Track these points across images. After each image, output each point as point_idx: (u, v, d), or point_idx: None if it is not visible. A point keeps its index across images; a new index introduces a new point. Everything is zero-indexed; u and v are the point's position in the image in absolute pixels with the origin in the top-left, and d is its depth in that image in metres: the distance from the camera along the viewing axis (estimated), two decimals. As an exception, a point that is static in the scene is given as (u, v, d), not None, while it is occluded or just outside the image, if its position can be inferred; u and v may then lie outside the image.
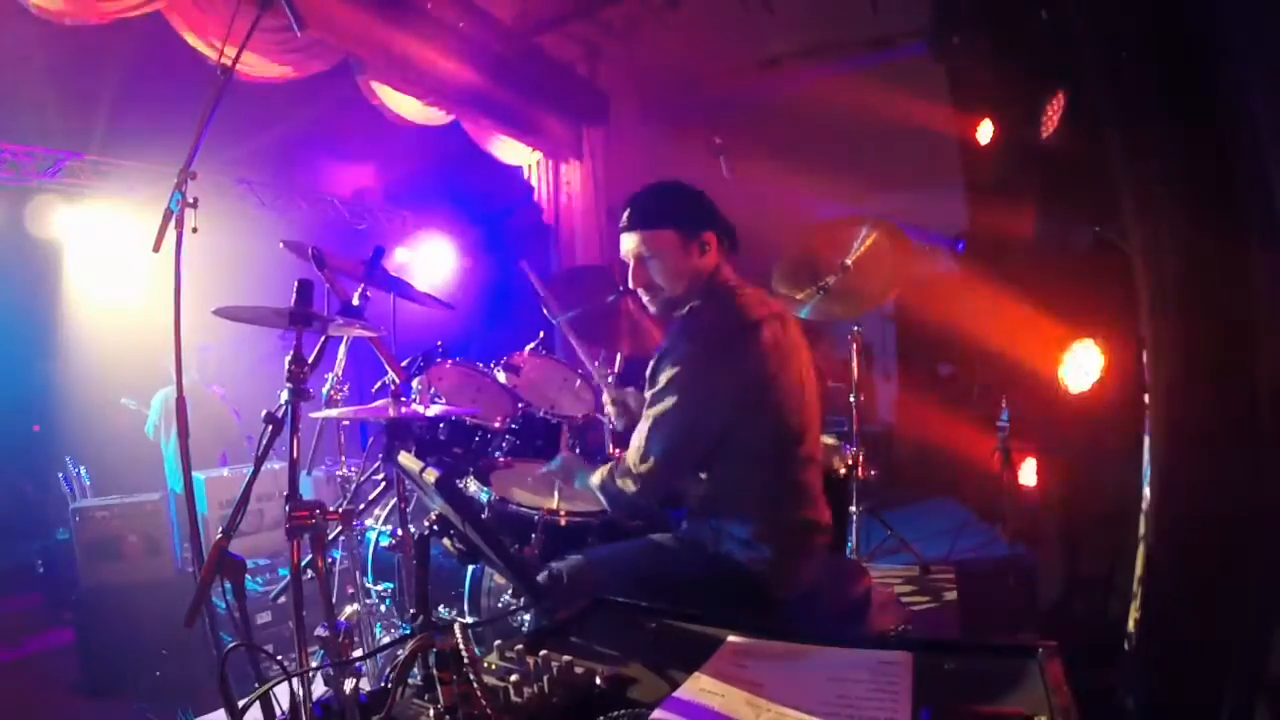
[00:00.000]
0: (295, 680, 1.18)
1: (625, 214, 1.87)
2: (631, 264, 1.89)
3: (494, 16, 5.01)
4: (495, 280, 6.61)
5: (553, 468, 2.17)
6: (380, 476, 2.64)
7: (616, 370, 2.91)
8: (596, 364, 2.98)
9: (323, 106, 5.18)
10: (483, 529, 1.44)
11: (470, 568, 2.27)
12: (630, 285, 1.93)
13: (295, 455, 1.60)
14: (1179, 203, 1.82)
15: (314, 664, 1.82)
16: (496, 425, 2.65)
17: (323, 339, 1.80)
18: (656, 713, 0.94)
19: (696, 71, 5.92)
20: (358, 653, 2.07)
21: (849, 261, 3.11)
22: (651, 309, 1.94)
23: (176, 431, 1.99)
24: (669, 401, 1.75)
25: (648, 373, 1.86)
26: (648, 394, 1.84)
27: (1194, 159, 1.82)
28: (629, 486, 1.83)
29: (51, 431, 5.29)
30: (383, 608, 2.69)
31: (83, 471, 4.18)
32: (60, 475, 4.20)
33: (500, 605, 2.19)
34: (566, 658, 1.06)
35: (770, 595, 1.77)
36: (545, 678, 1.01)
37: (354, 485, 2.78)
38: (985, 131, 3.66)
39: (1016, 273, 3.21)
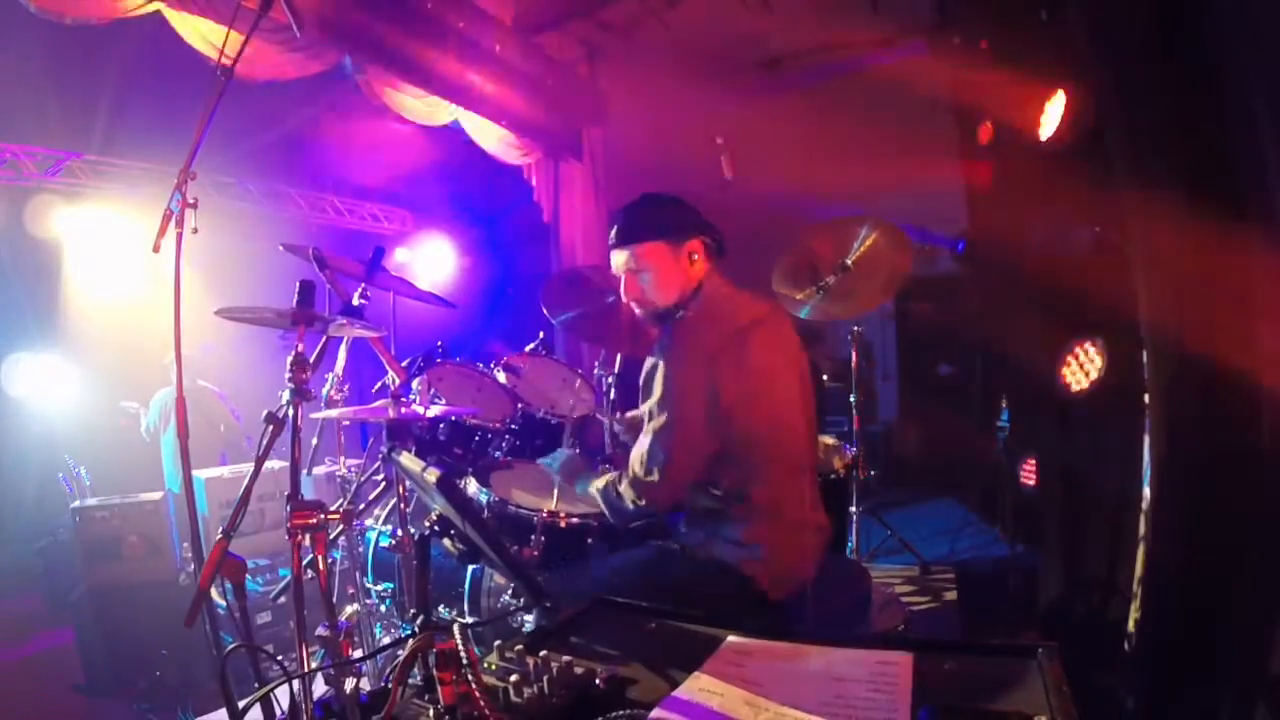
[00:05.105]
0: (296, 681, 1.18)
1: (613, 231, 1.90)
2: (623, 279, 1.91)
3: (494, 16, 5.01)
4: (495, 280, 6.62)
5: (553, 466, 2.17)
6: (380, 476, 2.64)
7: (616, 370, 2.91)
8: (596, 365, 2.98)
9: (323, 106, 5.19)
10: (483, 529, 1.44)
11: (470, 568, 2.27)
12: (624, 299, 1.95)
13: (296, 455, 1.60)
14: (1180, 202, 1.82)
15: (314, 664, 1.82)
16: (496, 425, 2.65)
17: (323, 339, 1.80)
18: (656, 712, 0.94)
19: (696, 71, 5.92)
20: (358, 653, 2.07)
21: (849, 261, 3.10)
22: (645, 320, 1.96)
23: (175, 432, 1.99)
24: (667, 414, 1.76)
25: (641, 381, 1.86)
26: (643, 404, 1.84)
27: (1195, 159, 1.82)
28: (636, 500, 1.82)
29: (51, 431, 5.28)
30: (383, 608, 2.69)
31: (83, 471, 4.17)
32: (60, 475, 4.19)
33: (500, 605, 2.19)
34: (566, 658, 1.05)
35: (767, 596, 1.77)
36: (545, 678, 1.00)
37: (354, 485, 2.78)
38: (985, 131, 3.66)
39: (1016, 273, 3.21)
